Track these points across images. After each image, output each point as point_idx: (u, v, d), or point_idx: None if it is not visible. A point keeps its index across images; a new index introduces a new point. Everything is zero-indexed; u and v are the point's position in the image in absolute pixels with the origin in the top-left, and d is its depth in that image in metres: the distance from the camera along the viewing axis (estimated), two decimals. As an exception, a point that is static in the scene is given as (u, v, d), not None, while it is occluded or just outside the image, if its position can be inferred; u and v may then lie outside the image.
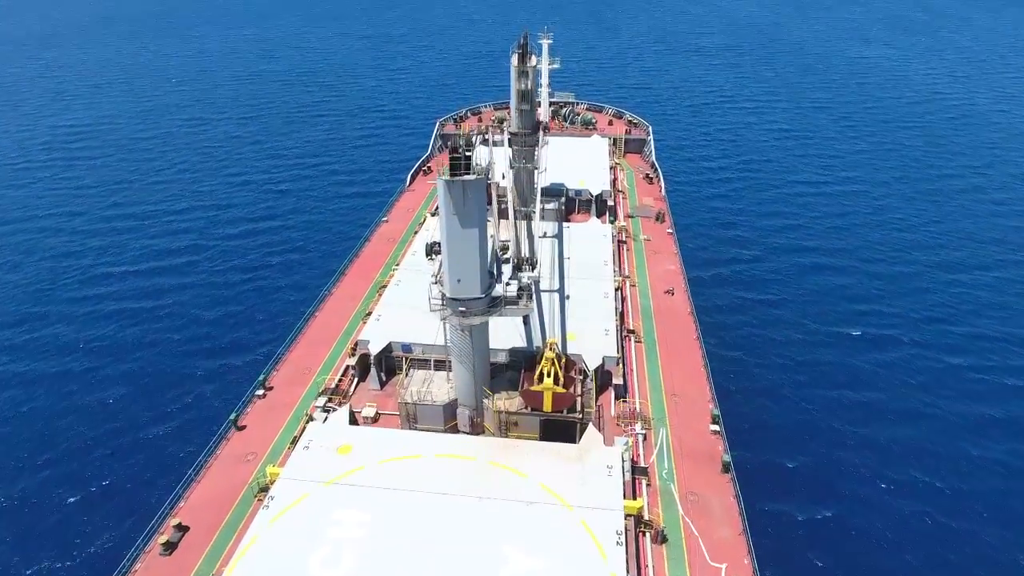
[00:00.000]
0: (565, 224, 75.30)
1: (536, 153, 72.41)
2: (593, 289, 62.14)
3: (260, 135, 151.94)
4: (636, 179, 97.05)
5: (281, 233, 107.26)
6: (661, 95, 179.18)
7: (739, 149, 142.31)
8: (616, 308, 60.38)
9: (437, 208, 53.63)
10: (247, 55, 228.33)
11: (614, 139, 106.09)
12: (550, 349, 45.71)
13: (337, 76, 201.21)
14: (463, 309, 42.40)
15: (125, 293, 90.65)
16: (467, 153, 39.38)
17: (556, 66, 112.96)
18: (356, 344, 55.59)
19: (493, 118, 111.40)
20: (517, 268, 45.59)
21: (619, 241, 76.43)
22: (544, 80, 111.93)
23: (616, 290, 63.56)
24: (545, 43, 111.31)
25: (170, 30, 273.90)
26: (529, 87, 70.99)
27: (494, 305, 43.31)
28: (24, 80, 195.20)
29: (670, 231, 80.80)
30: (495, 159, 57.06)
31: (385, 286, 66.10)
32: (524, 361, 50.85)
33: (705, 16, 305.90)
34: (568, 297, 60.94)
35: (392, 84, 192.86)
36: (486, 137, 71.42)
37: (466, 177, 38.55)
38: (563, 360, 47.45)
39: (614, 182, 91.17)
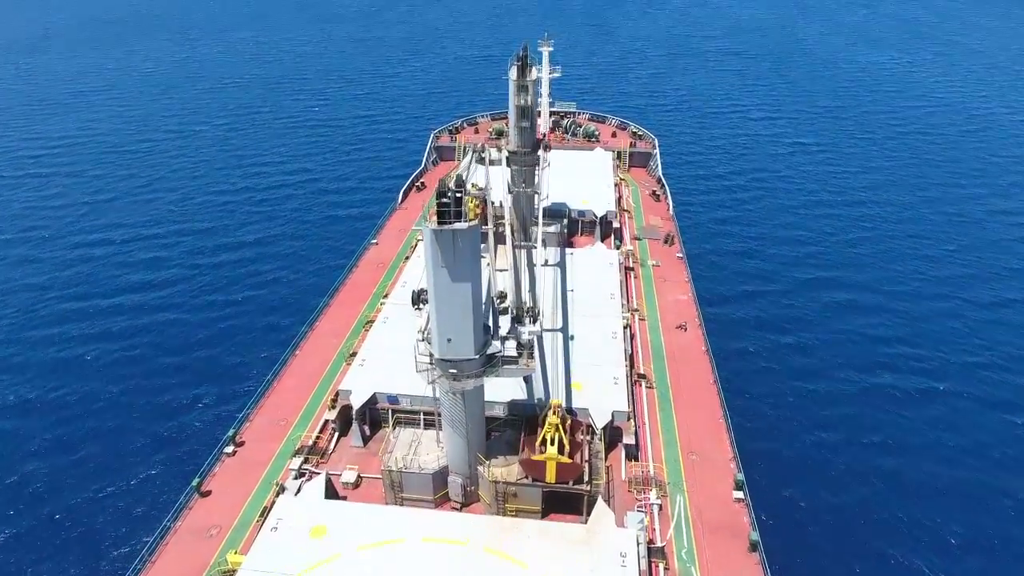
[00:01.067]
0: (568, 251, 69.66)
1: (537, 175, 66.86)
2: (600, 328, 56.53)
3: (243, 146, 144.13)
4: (642, 196, 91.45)
5: (261, 259, 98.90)
6: (665, 103, 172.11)
7: (748, 162, 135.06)
8: (625, 350, 54.80)
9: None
10: (236, 60, 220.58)
11: (618, 152, 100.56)
12: (554, 413, 40.11)
13: (327, 81, 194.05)
14: (454, 371, 36.79)
15: (84, 333, 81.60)
16: (458, 194, 33.68)
17: (557, 75, 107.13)
18: (337, 394, 49.95)
19: (490, 130, 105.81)
20: (516, 320, 39.94)
21: (625, 267, 70.86)
22: (544, 90, 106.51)
23: (624, 327, 58.00)
24: (545, 50, 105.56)
25: (156, 33, 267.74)
26: (529, 103, 65.39)
27: (490, 365, 37.72)
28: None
29: (680, 255, 75.20)
30: (492, 181, 52.13)
31: (372, 322, 60.60)
32: (525, 419, 45.27)
33: (707, 19, 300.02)
34: (572, 338, 55.35)
35: (385, 90, 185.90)
36: (482, 156, 66.40)
37: (457, 226, 32.84)
38: (568, 422, 41.90)
39: (619, 200, 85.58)
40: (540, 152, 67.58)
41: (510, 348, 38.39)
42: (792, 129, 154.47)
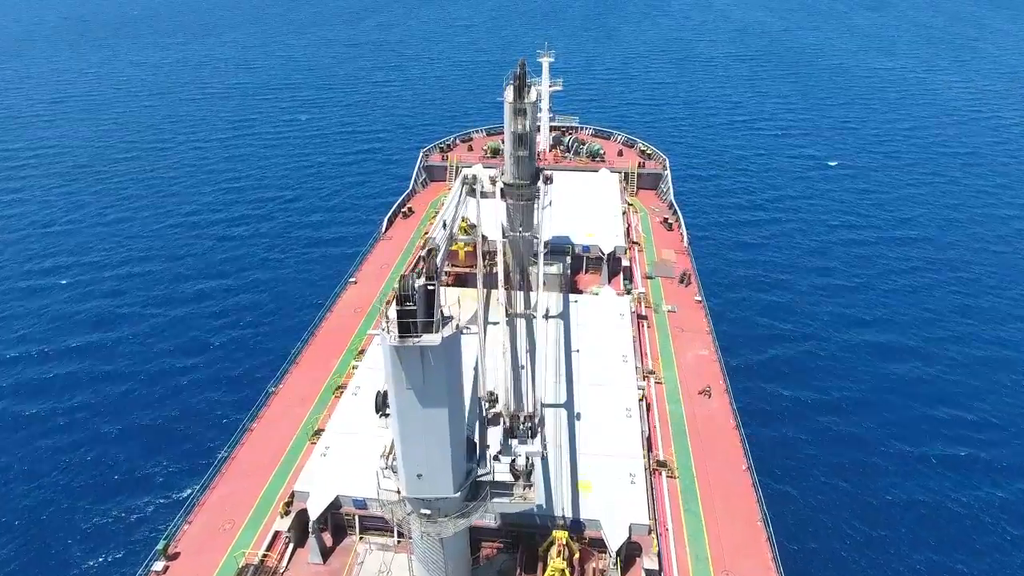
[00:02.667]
0: (572, 298, 60.66)
1: (536, 213, 57.88)
2: (611, 402, 47.60)
3: (217, 164, 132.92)
4: (652, 224, 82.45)
5: (224, 298, 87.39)
6: (671, 115, 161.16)
7: (765, 182, 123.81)
8: (642, 432, 45.87)
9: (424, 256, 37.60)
10: (213, 66, 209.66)
11: (625, 173, 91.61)
12: (558, 553, 31.18)
13: (311, 91, 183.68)
14: (427, 512, 27.85)
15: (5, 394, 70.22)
16: (430, 287, 24.68)
17: (557, 89, 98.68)
18: (292, 496, 40.98)
19: (485, 147, 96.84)
20: (511, 433, 30.94)
21: (637, 315, 61.89)
22: (544, 104, 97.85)
23: (640, 399, 49.09)
24: (545, 61, 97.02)
25: (140, 36, 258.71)
26: (527, 128, 56.34)
27: (475, 498, 28.76)
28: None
29: (698, 299, 66.15)
30: (485, 217, 43.64)
31: (343, 388, 51.70)
32: (522, 538, 36.38)
33: (711, 23, 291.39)
34: (579, 416, 46.42)
35: (374, 100, 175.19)
36: (473, 187, 57.71)
37: (428, 340, 23.80)
38: (576, 554, 32.99)
39: (628, 231, 76.62)
40: (540, 184, 58.66)
41: (502, 471, 29.45)
42: (809, 143, 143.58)
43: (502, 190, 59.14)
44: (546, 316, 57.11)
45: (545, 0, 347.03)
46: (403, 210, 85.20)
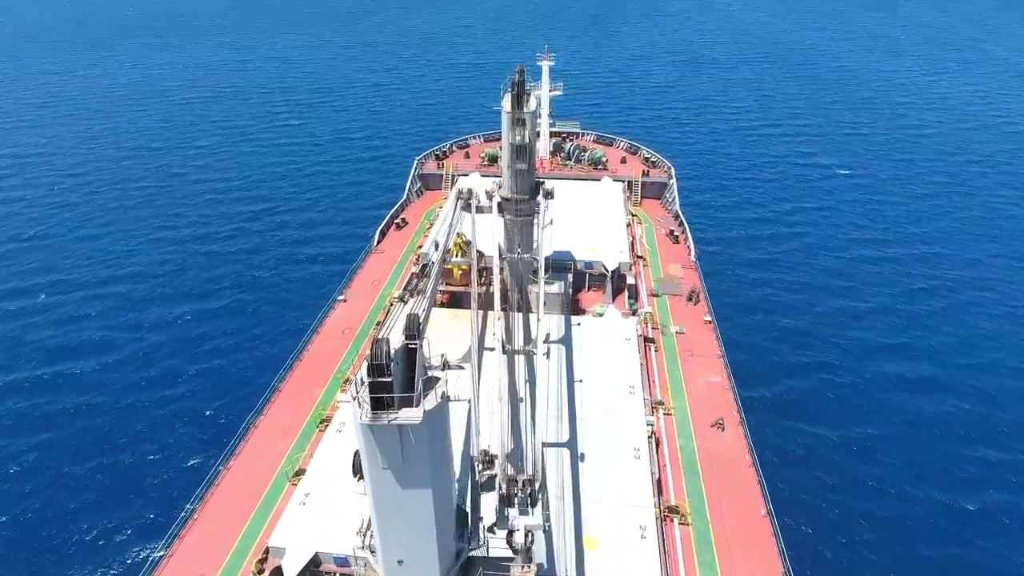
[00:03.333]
0: (574, 320, 56.78)
1: (536, 230, 54.02)
2: (617, 440, 43.75)
3: (200, 172, 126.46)
4: (658, 237, 78.55)
5: (204, 319, 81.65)
6: (674, 118, 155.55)
7: (775, 190, 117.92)
8: (652, 474, 42.02)
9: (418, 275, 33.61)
10: (211, 69, 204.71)
11: (629, 182, 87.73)
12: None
13: (308, 93, 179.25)
14: (410, 599, 23.98)
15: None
16: (411, 344, 20.77)
17: (558, 93, 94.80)
18: (266, 552, 37.12)
19: (483, 155, 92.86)
20: (507, 500, 26.99)
21: (644, 337, 58.02)
22: (544, 110, 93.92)
23: (649, 436, 45.24)
24: (545, 65, 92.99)
25: (133, 38, 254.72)
26: (527, 140, 52.45)
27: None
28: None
29: (708, 319, 62.22)
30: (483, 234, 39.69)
31: (327, 421, 47.94)
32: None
33: (712, 24, 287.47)
34: (583, 457, 42.55)
35: (368, 103, 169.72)
36: (469, 202, 54.17)
37: (407, 417, 19.87)
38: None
39: (632, 245, 72.72)
40: (541, 199, 54.79)
41: (498, 545, 25.56)
42: (818, 149, 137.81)
43: (499, 204, 55.58)
44: (547, 341, 53.32)
45: (544, 1, 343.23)
46: (396, 221, 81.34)
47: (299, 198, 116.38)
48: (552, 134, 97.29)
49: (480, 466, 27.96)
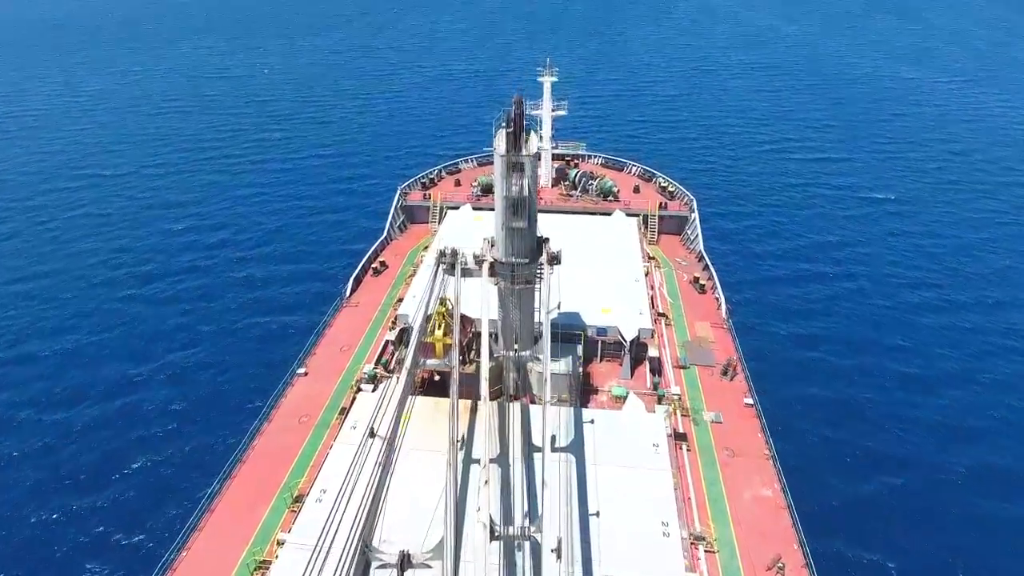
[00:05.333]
0: (585, 416, 44.91)
1: (537, 297, 42.38)
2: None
3: (157, 196, 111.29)
4: (680, 284, 66.90)
5: (134, 414, 63.56)
6: (687, 135, 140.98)
7: (808, 223, 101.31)
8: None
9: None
10: (170, 80, 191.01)
11: (644, 216, 76.19)
12: None
13: (290, 102, 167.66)
14: None
15: None
16: None
17: (562, 113, 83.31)
18: None
19: (475, 183, 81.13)
20: None
21: (674, 433, 46.31)
22: (546, 132, 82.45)
23: (691, 591, 33.62)
24: (547, 81, 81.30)
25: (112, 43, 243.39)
26: (526, 190, 40.79)
27: None
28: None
29: (749, 402, 50.40)
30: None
31: (265, 568, 36.37)
32: None
33: (719, 28, 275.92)
34: (604, 648, 30.84)
35: (354, 117, 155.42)
36: (452, 263, 43.09)
37: None
38: None
39: (652, 300, 61.00)
40: (544, 264, 43.13)
41: None
42: (850, 171, 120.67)
43: (492, 267, 44.05)
44: (552, 445, 41.61)
45: (544, 7, 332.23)
46: (374, 265, 69.63)
47: (259, 228, 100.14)
48: (554, 157, 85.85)
49: None
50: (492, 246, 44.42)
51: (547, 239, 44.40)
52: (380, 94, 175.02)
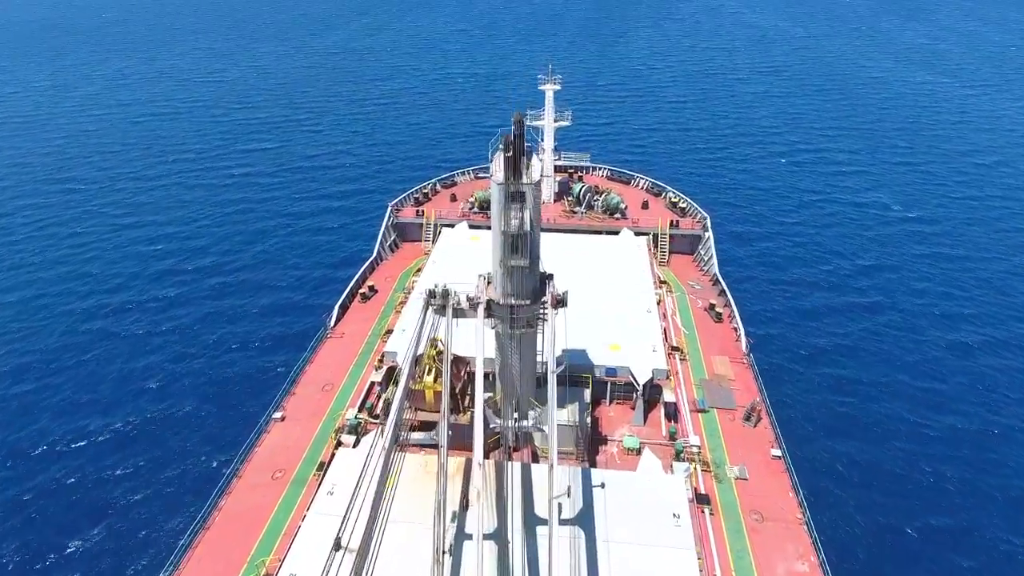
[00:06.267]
0: (595, 480, 39.40)
1: (539, 341, 36.96)
2: None
3: (131, 214, 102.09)
4: (694, 313, 61.43)
5: (94, 461, 57.02)
6: (693, 145, 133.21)
7: (829, 243, 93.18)
8: None
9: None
10: (155, 84, 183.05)
11: (654, 235, 70.79)
12: None
13: (282, 108, 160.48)
14: None
15: None
16: None
17: (565, 124, 77.94)
18: None
19: (471, 198, 75.72)
20: None
21: (695, 495, 40.85)
22: (548, 144, 77.07)
23: None
24: (549, 90, 75.91)
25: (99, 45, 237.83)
26: (527, 223, 35.41)
27: None
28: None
29: (777, 453, 44.97)
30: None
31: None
32: None
33: (723, 30, 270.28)
34: None
35: (348, 124, 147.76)
36: (443, 303, 37.94)
37: None
38: None
39: (666, 334, 55.55)
40: (549, 307, 37.76)
41: None
42: (871, 184, 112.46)
43: (488, 308, 38.73)
44: (558, 515, 36.16)
45: (544, 8, 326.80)
46: (362, 290, 64.16)
47: (242, 253, 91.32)
48: (557, 169, 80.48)
49: None
50: (488, 284, 39.18)
51: (551, 276, 39.05)
52: (374, 100, 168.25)
